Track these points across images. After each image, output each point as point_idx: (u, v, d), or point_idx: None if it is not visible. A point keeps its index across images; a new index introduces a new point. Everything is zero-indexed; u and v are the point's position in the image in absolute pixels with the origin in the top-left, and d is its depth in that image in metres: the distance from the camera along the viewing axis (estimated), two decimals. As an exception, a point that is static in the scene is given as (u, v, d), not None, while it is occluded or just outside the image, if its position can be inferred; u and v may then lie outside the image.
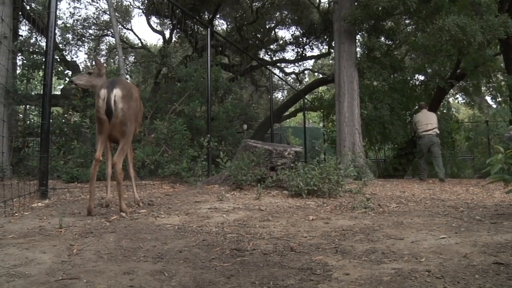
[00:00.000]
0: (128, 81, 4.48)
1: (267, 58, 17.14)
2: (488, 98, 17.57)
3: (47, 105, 3.70)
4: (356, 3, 8.24)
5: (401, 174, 10.25)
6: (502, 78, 12.35)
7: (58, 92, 10.85)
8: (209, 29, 6.87)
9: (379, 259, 1.73)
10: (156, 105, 7.55)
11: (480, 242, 1.94)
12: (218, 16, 14.99)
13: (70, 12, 25.59)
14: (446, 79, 9.92)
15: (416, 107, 11.21)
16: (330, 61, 18.16)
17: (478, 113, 15.22)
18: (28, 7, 11.32)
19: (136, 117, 3.09)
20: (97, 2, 18.65)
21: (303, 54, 16.16)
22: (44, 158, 3.62)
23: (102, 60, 16.91)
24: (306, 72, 20.75)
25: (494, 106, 16.14)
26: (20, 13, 9.58)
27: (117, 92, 2.80)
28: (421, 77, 11.55)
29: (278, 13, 15.37)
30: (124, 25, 16.76)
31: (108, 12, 12.40)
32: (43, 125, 3.69)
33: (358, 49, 9.20)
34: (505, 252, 1.74)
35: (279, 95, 22.10)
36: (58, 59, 8.15)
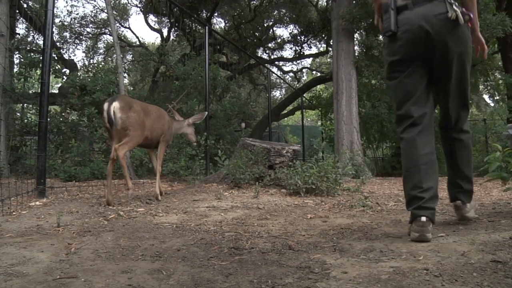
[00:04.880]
0: (128, 95, 4.49)
1: (265, 56, 17.14)
2: (485, 97, 17.61)
3: (44, 103, 3.68)
4: (354, 1, 8.23)
5: (399, 173, 10.26)
6: (499, 76, 12.37)
7: (56, 91, 10.82)
8: (207, 27, 6.86)
9: (377, 258, 1.73)
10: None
11: (478, 240, 1.94)
12: (216, 14, 14.97)
13: (68, 10, 25.57)
14: (444, 78, 9.91)
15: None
16: (328, 60, 18.15)
17: (475, 112, 15.26)
18: (25, 5, 11.26)
19: (140, 125, 3.49)
20: (95, 0, 18.60)
21: (301, 53, 16.16)
22: (42, 156, 3.61)
23: (100, 58, 16.88)
24: (304, 70, 20.76)
25: (492, 104, 16.19)
26: (17, 11, 9.53)
27: (115, 104, 3.32)
28: (419, 75, 11.53)
29: (276, 12, 15.35)
30: (122, 24, 16.72)
31: (105, 10, 12.34)
32: (40, 124, 3.67)
33: (356, 47, 9.20)
34: (503, 250, 1.74)
35: (277, 94, 22.13)
36: (56, 58, 8.12)
